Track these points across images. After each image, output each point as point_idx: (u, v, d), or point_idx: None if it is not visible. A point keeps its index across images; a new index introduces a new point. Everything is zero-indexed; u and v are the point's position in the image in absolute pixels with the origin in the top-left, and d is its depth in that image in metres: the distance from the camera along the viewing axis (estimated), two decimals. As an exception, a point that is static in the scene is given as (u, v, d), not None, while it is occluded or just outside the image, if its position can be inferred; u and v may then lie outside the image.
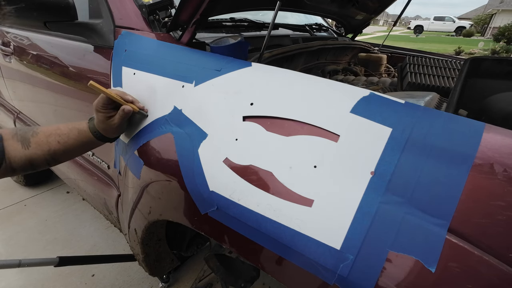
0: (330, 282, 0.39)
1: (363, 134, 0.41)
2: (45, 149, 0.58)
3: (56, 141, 0.59)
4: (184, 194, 0.54)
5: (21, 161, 0.56)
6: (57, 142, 0.59)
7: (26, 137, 0.57)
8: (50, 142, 0.59)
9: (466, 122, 0.37)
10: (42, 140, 0.58)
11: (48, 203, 1.75)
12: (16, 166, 0.56)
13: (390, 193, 0.37)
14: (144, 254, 0.86)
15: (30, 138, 0.58)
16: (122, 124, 0.62)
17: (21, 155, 0.56)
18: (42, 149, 0.58)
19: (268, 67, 0.55)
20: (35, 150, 0.57)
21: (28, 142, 0.57)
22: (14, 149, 0.56)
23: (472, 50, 10.25)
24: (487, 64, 0.69)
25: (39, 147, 0.58)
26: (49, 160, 0.60)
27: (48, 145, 0.59)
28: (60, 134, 0.60)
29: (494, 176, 0.33)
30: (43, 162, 0.60)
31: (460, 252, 0.32)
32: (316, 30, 1.45)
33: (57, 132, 0.60)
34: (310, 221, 0.40)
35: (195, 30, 0.66)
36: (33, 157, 0.57)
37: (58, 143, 0.59)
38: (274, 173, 0.44)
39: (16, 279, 1.25)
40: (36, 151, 0.58)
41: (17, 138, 0.57)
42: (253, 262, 0.51)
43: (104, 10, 0.77)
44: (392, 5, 1.43)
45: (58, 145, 0.59)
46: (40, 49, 1.04)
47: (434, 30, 24.87)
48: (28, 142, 0.57)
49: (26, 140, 0.57)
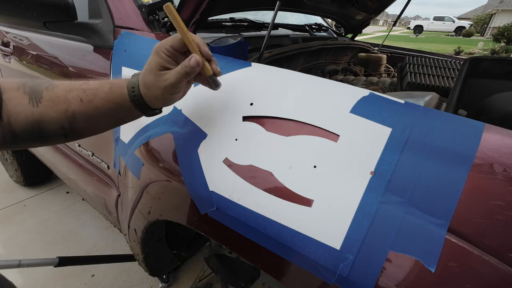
0: (330, 282, 0.39)
1: (362, 134, 0.41)
2: (61, 109, 0.41)
3: (78, 98, 0.42)
4: (184, 194, 0.54)
5: (26, 121, 0.40)
6: (80, 100, 0.42)
7: (37, 90, 0.41)
8: (70, 100, 0.41)
9: (465, 122, 0.38)
10: (59, 95, 0.41)
11: (48, 203, 1.75)
12: (18, 127, 0.40)
13: (390, 193, 0.37)
14: (144, 254, 0.86)
15: (43, 91, 0.41)
16: (177, 85, 0.42)
17: (27, 113, 0.40)
18: (58, 108, 0.41)
19: (268, 67, 0.55)
20: (47, 109, 0.41)
21: (39, 97, 0.40)
22: (18, 104, 0.39)
23: (471, 50, 10.26)
24: (487, 64, 0.69)
25: (53, 104, 0.41)
26: (65, 127, 0.42)
27: (66, 103, 0.41)
28: (85, 89, 0.42)
29: (494, 176, 0.33)
30: (57, 128, 0.42)
31: (460, 252, 0.32)
32: (315, 30, 1.45)
33: (82, 86, 0.43)
34: (310, 221, 0.40)
35: (195, 30, 0.66)
36: (43, 118, 0.40)
37: (81, 102, 0.42)
38: (274, 173, 0.44)
39: (16, 279, 1.25)
40: (49, 110, 0.41)
41: (24, 89, 0.40)
42: (253, 262, 0.51)
43: (104, 10, 0.77)
44: (391, 5, 1.43)
45: (80, 105, 0.42)
46: (40, 49, 1.04)
47: (433, 30, 24.89)
48: (39, 96, 0.40)
49: (36, 93, 0.41)
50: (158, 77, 0.41)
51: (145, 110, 0.45)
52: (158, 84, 0.41)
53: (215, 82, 0.44)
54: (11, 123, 0.39)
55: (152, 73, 0.41)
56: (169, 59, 0.42)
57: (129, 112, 0.45)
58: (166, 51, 0.41)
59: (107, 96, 0.43)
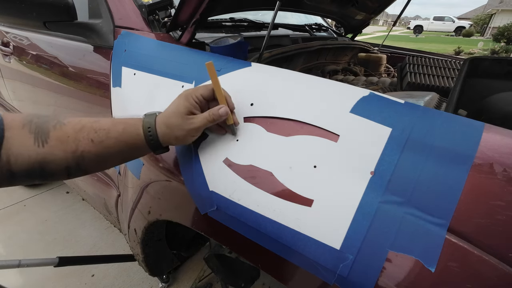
0: (330, 282, 0.39)
1: (362, 134, 0.41)
2: (69, 149, 0.40)
3: (88, 138, 0.40)
4: (184, 194, 0.54)
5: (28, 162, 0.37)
6: (90, 141, 0.41)
7: (44, 129, 0.39)
8: (80, 140, 0.40)
9: (465, 122, 0.38)
10: (68, 134, 0.40)
11: (48, 203, 1.75)
12: (17, 168, 0.37)
13: (390, 193, 0.37)
14: (144, 254, 0.86)
15: (50, 131, 0.39)
16: (200, 129, 0.45)
17: (31, 153, 0.37)
18: (65, 148, 0.39)
19: (268, 67, 0.55)
20: (53, 149, 0.39)
21: (45, 136, 0.38)
22: (21, 144, 0.37)
23: (471, 50, 10.25)
24: (487, 64, 0.69)
25: (61, 144, 0.39)
26: (71, 167, 0.41)
27: (75, 143, 0.40)
28: (97, 129, 0.41)
29: (494, 176, 0.33)
30: (61, 168, 0.40)
31: (460, 252, 0.32)
32: (315, 30, 1.45)
33: (94, 126, 0.41)
34: (310, 221, 0.40)
35: (194, 30, 0.66)
36: (47, 158, 0.39)
37: (92, 142, 0.41)
38: (274, 173, 0.44)
39: (16, 279, 1.25)
40: (55, 150, 0.39)
41: (30, 128, 0.38)
42: (253, 262, 0.51)
43: (104, 10, 0.77)
44: (391, 5, 1.43)
45: (91, 145, 0.41)
46: (40, 49, 1.04)
47: (433, 30, 24.89)
48: (45, 135, 0.38)
49: (42, 132, 0.38)
50: (184, 120, 0.44)
51: (156, 149, 0.46)
52: (184, 126, 0.44)
53: (234, 131, 0.49)
54: (11, 163, 0.37)
55: (179, 116, 0.44)
56: (196, 105, 0.45)
57: (140, 151, 0.46)
58: (196, 98, 0.45)
59: (119, 136, 0.43)
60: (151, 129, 0.44)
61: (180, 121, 0.44)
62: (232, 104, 0.48)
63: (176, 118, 0.44)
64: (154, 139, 0.44)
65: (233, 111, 0.48)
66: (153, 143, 0.45)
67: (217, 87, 0.46)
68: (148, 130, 0.44)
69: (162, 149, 0.47)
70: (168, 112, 0.45)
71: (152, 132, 0.44)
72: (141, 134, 0.44)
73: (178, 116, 0.44)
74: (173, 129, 0.44)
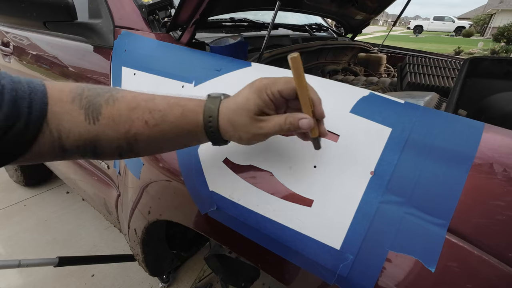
0: (330, 282, 0.39)
1: (362, 134, 0.41)
2: (122, 129, 0.36)
3: (143, 119, 0.36)
4: (184, 194, 0.54)
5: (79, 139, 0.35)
6: (144, 122, 0.36)
7: (96, 105, 0.35)
8: (134, 120, 0.36)
9: (465, 122, 0.38)
10: (121, 113, 0.36)
11: (48, 203, 1.75)
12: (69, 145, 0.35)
13: (390, 193, 0.37)
14: (144, 254, 0.86)
15: (102, 106, 0.35)
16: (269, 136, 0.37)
17: (82, 130, 0.34)
18: (118, 128, 0.36)
19: (268, 67, 0.55)
20: (105, 128, 0.35)
21: (97, 113, 0.35)
22: (72, 120, 0.34)
23: (471, 50, 10.26)
24: (487, 64, 0.69)
25: (113, 123, 0.35)
26: (123, 148, 0.37)
27: (129, 123, 0.36)
28: (152, 109, 0.37)
29: (494, 176, 0.33)
30: (113, 148, 0.37)
31: (460, 252, 0.32)
32: (315, 30, 1.45)
33: (148, 105, 0.37)
34: (310, 221, 0.40)
35: (194, 30, 0.66)
36: (99, 136, 0.35)
37: (145, 124, 0.36)
38: (274, 173, 0.44)
39: (16, 279, 1.25)
40: (107, 130, 0.35)
41: (80, 102, 0.35)
42: (253, 262, 0.51)
43: (104, 10, 0.77)
44: (391, 5, 1.43)
45: (145, 128, 0.36)
46: (40, 49, 1.04)
47: (433, 30, 24.89)
48: (97, 112, 0.35)
49: (94, 108, 0.35)
50: (252, 122, 0.35)
51: (217, 141, 0.39)
52: (250, 129, 0.35)
53: (318, 145, 0.38)
54: (62, 139, 0.34)
55: (247, 115, 0.35)
56: (270, 103, 0.35)
57: (197, 139, 0.40)
58: (272, 95, 0.35)
59: (176, 120, 0.37)
60: (212, 120, 0.36)
61: (247, 121, 0.35)
62: (321, 112, 0.36)
63: (243, 116, 0.35)
64: (214, 131, 0.37)
65: (321, 120, 0.37)
66: (213, 135, 0.38)
67: (302, 88, 0.34)
68: (209, 120, 0.36)
69: (222, 142, 0.39)
70: (235, 104, 0.36)
71: (213, 124, 0.36)
72: (201, 123, 0.37)
73: (246, 115, 0.35)
74: (237, 128, 0.36)
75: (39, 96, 0.33)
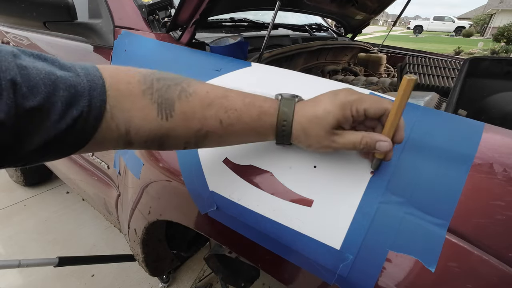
0: (330, 282, 0.39)
1: (362, 134, 0.40)
2: (194, 127, 0.34)
3: (217, 119, 0.35)
4: (184, 194, 0.54)
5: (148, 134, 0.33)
6: (219, 122, 0.35)
7: (169, 99, 0.33)
8: (207, 119, 0.34)
9: (465, 122, 0.38)
10: (195, 110, 0.34)
11: (48, 203, 1.75)
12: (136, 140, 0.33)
13: (390, 193, 0.37)
14: (144, 254, 0.86)
15: (175, 102, 0.33)
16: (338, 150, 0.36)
17: (152, 126, 0.33)
18: (190, 125, 0.34)
19: (268, 67, 0.55)
20: (176, 125, 0.34)
21: (170, 109, 0.33)
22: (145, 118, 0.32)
23: (471, 50, 10.26)
24: (487, 64, 0.69)
25: (185, 121, 0.34)
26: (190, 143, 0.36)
27: (202, 121, 0.34)
28: (227, 109, 0.35)
29: (494, 176, 0.33)
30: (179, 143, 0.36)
31: (460, 252, 0.32)
32: (315, 30, 1.45)
33: (223, 103, 0.35)
34: (310, 221, 0.40)
35: (194, 30, 0.66)
36: (169, 133, 0.34)
37: (220, 124, 0.35)
38: (274, 173, 0.44)
39: (16, 279, 1.25)
40: (178, 127, 0.34)
41: (152, 96, 0.32)
42: (253, 262, 0.51)
43: (104, 10, 0.77)
44: (391, 5, 1.43)
45: (218, 127, 0.35)
46: (40, 49, 1.04)
47: (433, 30, 24.91)
48: (170, 108, 0.33)
49: (167, 103, 0.33)
50: (327, 135, 0.34)
51: (283, 143, 0.39)
52: (322, 141, 0.35)
53: (378, 166, 0.38)
54: (131, 135, 0.32)
55: (323, 129, 0.34)
56: (351, 119, 0.34)
57: (265, 138, 0.39)
58: (356, 112, 0.34)
59: (252, 122, 0.35)
60: (286, 125, 0.36)
61: (322, 134, 0.34)
62: (402, 137, 0.35)
63: (319, 127, 0.34)
64: (286, 135, 0.37)
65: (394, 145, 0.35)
66: (283, 139, 0.37)
67: (399, 111, 0.32)
68: (283, 124, 0.36)
69: (288, 144, 0.39)
70: (313, 114, 0.35)
71: (286, 128, 0.36)
72: (274, 126, 0.36)
73: (322, 127, 0.34)
74: (309, 137, 0.35)
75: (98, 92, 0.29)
